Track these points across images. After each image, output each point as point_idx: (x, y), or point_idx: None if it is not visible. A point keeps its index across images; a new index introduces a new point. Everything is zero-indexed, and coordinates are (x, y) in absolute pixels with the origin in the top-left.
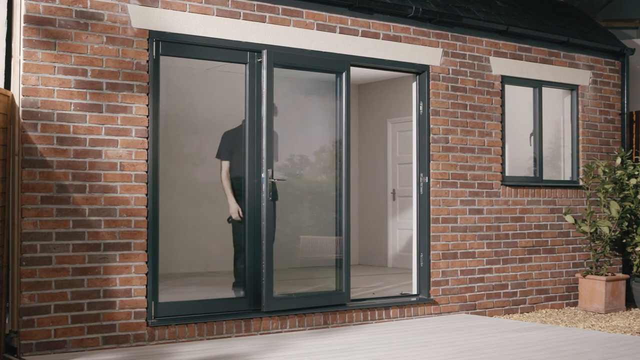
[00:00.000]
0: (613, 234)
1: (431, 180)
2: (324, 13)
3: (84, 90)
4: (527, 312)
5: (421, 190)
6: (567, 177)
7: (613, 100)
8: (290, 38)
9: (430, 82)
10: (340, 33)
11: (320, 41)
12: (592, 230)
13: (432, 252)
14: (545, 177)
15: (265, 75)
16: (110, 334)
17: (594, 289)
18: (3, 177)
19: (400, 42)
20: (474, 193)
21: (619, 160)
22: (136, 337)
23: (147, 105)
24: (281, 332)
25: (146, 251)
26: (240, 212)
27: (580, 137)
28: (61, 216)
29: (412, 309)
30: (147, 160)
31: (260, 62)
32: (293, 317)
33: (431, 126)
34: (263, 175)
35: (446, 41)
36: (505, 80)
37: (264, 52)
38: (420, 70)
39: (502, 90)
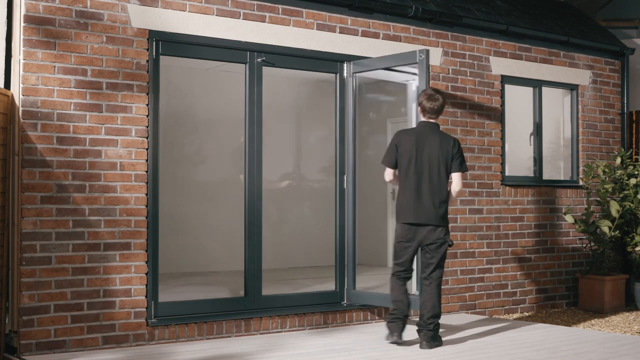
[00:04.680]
0: (613, 233)
1: None
2: (324, 13)
3: (84, 90)
4: (527, 312)
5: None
6: (567, 177)
7: (613, 100)
8: (290, 38)
9: (430, 81)
10: (340, 33)
11: (320, 41)
12: (592, 230)
13: None
14: (545, 176)
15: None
16: (110, 333)
17: (594, 288)
18: (3, 177)
19: (400, 41)
20: (474, 193)
21: (618, 160)
22: (136, 337)
23: (147, 105)
24: (281, 332)
25: (146, 251)
26: None
27: (580, 137)
28: (61, 216)
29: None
30: (147, 160)
31: (261, 61)
32: (293, 317)
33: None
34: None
35: (446, 41)
36: (505, 80)
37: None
38: None
39: (502, 90)
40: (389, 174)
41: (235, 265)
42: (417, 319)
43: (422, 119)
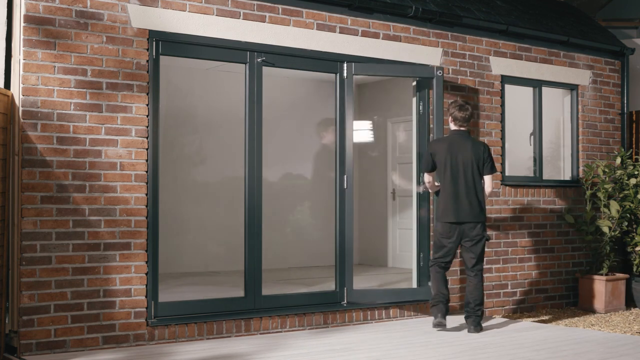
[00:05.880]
0: (613, 233)
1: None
2: (324, 13)
3: (84, 90)
4: (527, 312)
5: (421, 190)
6: (567, 176)
7: (613, 100)
8: (290, 38)
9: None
10: (340, 33)
11: (320, 41)
12: (592, 230)
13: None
14: (545, 176)
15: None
16: (110, 333)
17: (594, 288)
18: (3, 177)
19: (400, 41)
20: None
21: (618, 160)
22: (136, 337)
23: (147, 105)
24: (281, 332)
25: (146, 251)
26: None
27: (580, 137)
28: (61, 216)
29: (412, 308)
30: (147, 160)
31: (261, 61)
32: (293, 317)
33: (431, 126)
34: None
35: (446, 41)
36: (505, 80)
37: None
38: None
39: (502, 90)
40: (427, 177)
41: (235, 265)
42: (465, 307)
43: (453, 127)
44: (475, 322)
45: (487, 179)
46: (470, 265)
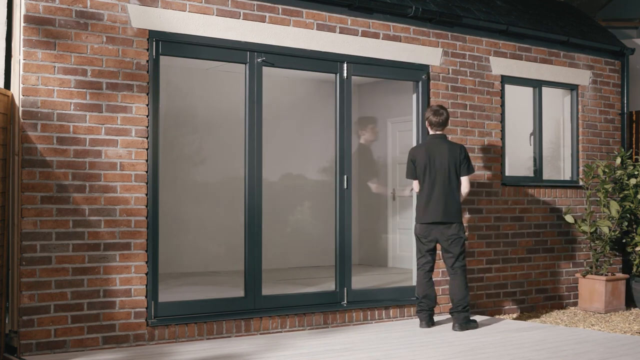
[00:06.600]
0: (613, 233)
1: None
2: (324, 13)
3: (84, 90)
4: (527, 312)
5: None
6: (567, 177)
7: (613, 100)
8: (290, 38)
9: (430, 82)
10: (340, 33)
11: (320, 41)
12: (592, 230)
13: None
14: (545, 177)
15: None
16: (110, 333)
17: (594, 288)
18: (3, 177)
19: (400, 42)
20: (473, 193)
21: (618, 160)
22: (136, 337)
23: (147, 105)
24: (281, 332)
25: (146, 251)
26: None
27: (580, 137)
28: (61, 216)
29: (412, 308)
30: (147, 160)
31: (261, 61)
32: (293, 317)
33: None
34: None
35: (446, 41)
36: (505, 80)
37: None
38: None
39: (502, 90)
40: (415, 184)
41: (235, 265)
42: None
43: (431, 132)
44: (459, 319)
45: (464, 180)
46: (449, 264)
